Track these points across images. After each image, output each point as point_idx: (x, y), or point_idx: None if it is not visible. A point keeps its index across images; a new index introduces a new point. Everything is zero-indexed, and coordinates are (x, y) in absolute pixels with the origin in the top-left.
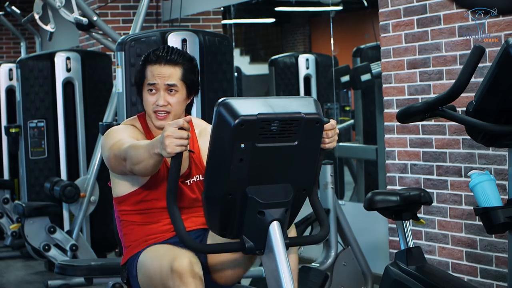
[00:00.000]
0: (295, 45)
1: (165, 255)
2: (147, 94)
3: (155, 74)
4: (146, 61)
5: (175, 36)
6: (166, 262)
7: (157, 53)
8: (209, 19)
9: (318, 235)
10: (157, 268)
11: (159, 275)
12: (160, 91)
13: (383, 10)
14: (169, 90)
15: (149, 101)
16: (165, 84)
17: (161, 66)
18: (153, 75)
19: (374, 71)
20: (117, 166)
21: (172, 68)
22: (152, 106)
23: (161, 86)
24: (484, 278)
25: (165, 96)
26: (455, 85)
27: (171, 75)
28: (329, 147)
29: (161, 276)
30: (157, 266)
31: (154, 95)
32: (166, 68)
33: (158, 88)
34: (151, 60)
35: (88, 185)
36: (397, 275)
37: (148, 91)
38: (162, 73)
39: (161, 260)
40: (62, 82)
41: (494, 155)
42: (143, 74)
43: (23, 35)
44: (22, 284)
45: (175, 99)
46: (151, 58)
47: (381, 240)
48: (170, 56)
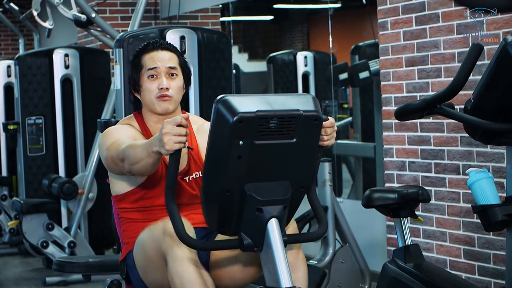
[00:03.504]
0: (294, 42)
1: (157, 224)
2: (147, 82)
3: (155, 59)
4: (142, 51)
5: (174, 33)
6: (157, 229)
7: (151, 43)
8: (207, 16)
9: (316, 233)
10: (150, 236)
11: (152, 242)
12: (162, 75)
13: (381, 8)
14: (170, 74)
15: (151, 88)
16: (166, 67)
17: (159, 51)
18: (153, 60)
19: (372, 69)
20: (115, 167)
21: (170, 53)
22: (154, 92)
23: (162, 70)
24: (482, 276)
25: (166, 80)
26: (453, 83)
27: (171, 58)
28: (327, 145)
29: (154, 243)
30: (150, 234)
31: (155, 81)
32: (165, 53)
33: (159, 72)
34: (148, 49)
35: (86, 182)
36: (395, 272)
37: (149, 77)
38: (162, 57)
39: (153, 229)
40: (60, 79)
41: (492, 153)
42: (140, 64)
43: (21, 32)
44: (20, 281)
45: (176, 83)
46: (147, 48)
47: (379, 237)
48: (165, 44)
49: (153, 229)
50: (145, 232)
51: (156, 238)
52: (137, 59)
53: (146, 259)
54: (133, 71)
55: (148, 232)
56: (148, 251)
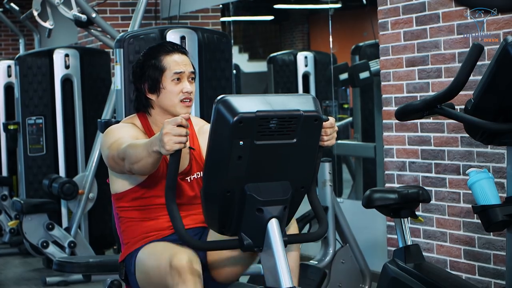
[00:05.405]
0: (294, 42)
1: (164, 252)
2: (171, 84)
3: (180, 62)
4: (160, 52)
5: (174, 33)
6: (164, 259)
7: (168, 44)
8: (208, 17)
9: (316, 233)
10: (156, 265)
11: (158, 273)
12: (185, 79)
13: (382, 8)
14: (190, 78)
15: (175, 91)
16: (189, 72)
17: (180, 55)
18: (178, 64)
19: (373, 69)
20: (116, 166)
21: (187, 57)
22: (178, 95)
23: (186, 74)
24: (482, 276)
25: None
26: (454, 83)
27: (190, 63)
28: (327, 145)
29: (159, 274)
30: (156, 263)
31: (178, 84)
32: (184, 57)
33: (183, 77)
34: (167, 50)
35: (87, 182)
36: (395, 272)
37: (175, 80)
38: (185, 61)
39: (159, 257)
40: (61, 79)
41: (492, 153)
42: (162, 65)
43: (22, 32)
44: (20, 281)
45: (194, 87)
46: (165, 49)
47: (379, 237)
48: (183, 48)
49: (159, 257)
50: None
51: (163, 270)
52: (156, 60)
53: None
54: (154, 71)
55: (153, 258)
56: (151, 276)
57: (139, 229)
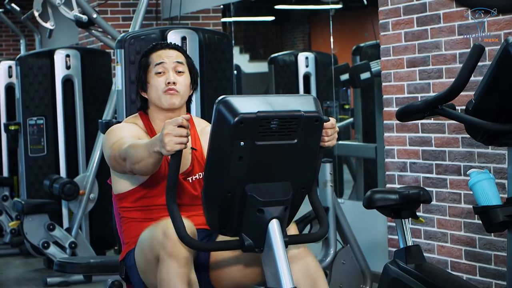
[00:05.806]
0: (295, 43)
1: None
2: (155, 78)
3: (162, 55)
4: (149, 51)
5: (175, 33)
6: (158, 228)
7: (159, 43)
8: (208, 17)
9: (317, 233)
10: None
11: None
12: (169, 70)
13: (382, 9)
14: (177, 71)
15: (158, 83)
16: (173, 62)
17: (167, 50)
18: (160, 56)
19: (374, 70)
20: (117, 166)
21: (177, 52)
22: (161, 86)
23: (169, 66)
24: (483, 277)
25: (174, 75)
26: (455, 83)
27: (178, 56)
28: (328, 145)
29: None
30: (150, 235)
31: (162, 76)
32: (172, 51)
33: (166, 68)
34: (156, 48)
35: (88, 183)
36: (396, 273)
37: (156, 74)
38: (169, 54)
39: (154, 229)
40: (62, 80)
41: (493, 153)
42: (147, 62)
43: (23, 33)
44: (21, 282)
45: (183, 79)
46: (155, 47)
47: (380, 238)
48: (173, 44)
49: (153, 229)
50: (146, 232)
51: (156, 238)
52: (144, 58)
53: (145, 260)
54: (141, 70)
55: (149, 232)
56: (146, 251)
57: (140, 229)
